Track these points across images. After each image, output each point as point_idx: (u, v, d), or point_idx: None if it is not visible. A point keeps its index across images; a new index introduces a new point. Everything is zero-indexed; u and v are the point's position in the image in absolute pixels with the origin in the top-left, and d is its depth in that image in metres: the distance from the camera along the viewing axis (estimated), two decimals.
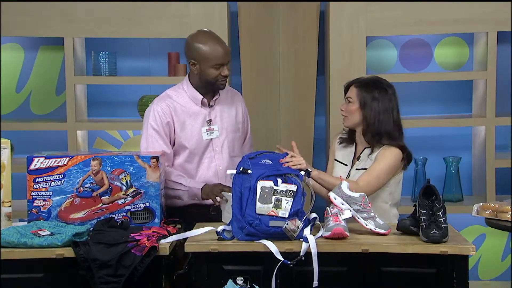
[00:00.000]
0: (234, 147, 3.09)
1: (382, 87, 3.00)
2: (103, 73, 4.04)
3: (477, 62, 4.12)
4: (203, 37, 2.97)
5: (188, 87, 3.04)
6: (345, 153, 3.07)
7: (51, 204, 2.74)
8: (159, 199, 2.76)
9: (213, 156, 3.03)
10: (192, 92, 3.03)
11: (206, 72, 2.94)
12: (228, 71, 2.96)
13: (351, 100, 2.98)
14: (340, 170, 3.03)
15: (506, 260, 4.24)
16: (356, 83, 3.01)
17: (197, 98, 3.02)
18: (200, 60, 2.94)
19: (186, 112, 3.01)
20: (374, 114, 2.95)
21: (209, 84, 2.98)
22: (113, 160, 2.74)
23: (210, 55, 2.92)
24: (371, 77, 3.08)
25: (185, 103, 3.02)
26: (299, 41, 4.13)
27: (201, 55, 2.93)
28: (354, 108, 2.97)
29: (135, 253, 2.51)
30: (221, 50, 2.93)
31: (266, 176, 2.58)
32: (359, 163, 3.00)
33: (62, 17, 3.95)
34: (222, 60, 2.93)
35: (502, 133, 4.02)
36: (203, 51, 2.92)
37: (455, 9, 3.89)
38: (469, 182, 4.20)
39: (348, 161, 3.04)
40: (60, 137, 4.05)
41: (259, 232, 2.54)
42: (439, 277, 2.51)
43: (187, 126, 3.01)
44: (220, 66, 2.93)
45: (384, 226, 2.64)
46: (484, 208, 3.15)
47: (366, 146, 3.00)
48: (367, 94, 2.96)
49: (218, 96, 3.06)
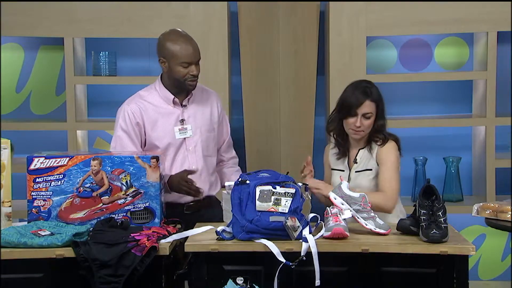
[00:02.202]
0: (209, 147, 3.10)
1: (373, 85, 2.99)
2: (103, 73, 4.04)
3: (477, 62, 4.12)
4: (173, 36, 2.99)
5: (160, 87, 3.06)
6: (341, 160, 3.06)
7: (51, 204, 2.74)
8: (159, 199, 2.76)
9: (186, 155, 3.04)
10: (163, 92, 3.04)
11: (174, 70, 2.96)
12: (196, 70, 2.96)
13: (370, 115, 2.93)
14: (339, 177, 3.00)
15: (506, 260, 4.24)
16: (369, 98, 2.93)
17: (168, 98, 3.04)
18: (169, 58, 2.96)
19: (158, 112, 3.02)
20: (382, 115, 2.96)
21: (178, 83, 3.00)
22: (113, 160, 2.74)
23: (178, 53, 2.94)
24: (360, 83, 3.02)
25: (157, 102, 3.03)
26: (299, 41, 4.13)
27: (169, 53, 2.96)
28: (372, 121, 2.94)
29: (135, 253, 2.51)
30: (190, 48, 2.95)
31: (265, 183, 2.59)
32: (357, 165, 2.99)
33: (62, 17, 3.95)
34: (190, 59, 2.94)
35: (502, 133, 4.02)
36: (172, 49, 2.95)
37: (455, 9, 3.89)
38: (469, 182, 4.20)
39: (343, 166, 3.03)
40: (60, 137, 4.05)
41: (259, 227, 2.53)
42: (439, 277, 2.52)
43: (158, 125, 3.02)
44: (188, 65, 2.94)
45: (384, 226, 2.64)
46: (484, 208, 3.15)
47: (361, 147, 3.00)
48: (379, 101, 2.95)
49: (191, 95, 3.07)
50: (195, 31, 3.94)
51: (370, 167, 2.96)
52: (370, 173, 2.95)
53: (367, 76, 3.95)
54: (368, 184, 2.94)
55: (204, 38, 3.95)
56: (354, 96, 2.94)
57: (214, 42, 3.95)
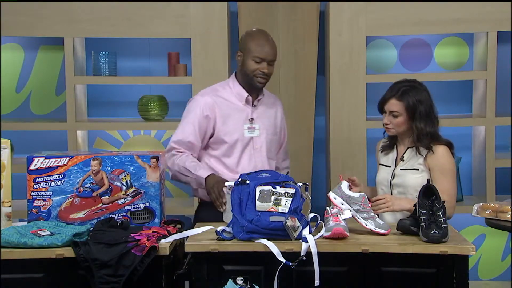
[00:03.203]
0: (271, 149, 3.14)
1: (416, 86, 2.97)
2: (103, 73, 4.04)
3: (477, 62, 4.12)
4: (255, 33, 3.06)
5: (234, 84, 3.09)
6: (388, 156, 3.06)
7: (51, 204, 2.74)
8: (159, 199, 2.76)
9: (252, 154, 3.07)
10: (237, 88, 3.08)
11: (246, 63, 3.01)
12: (268, 69, 3.00)
13: (397, 114, 2.93)
14: (385, 172, 3.03)
15: (506, 260, 4.24)
16: (395, 95, 2.93)
17: (242, 95, 3.07)
18: (244, 51, 3.02)
19: (230, 108, 3.06)
20: (422, 118, 2.92)
21: (248, 79, 3.03)
22: (113, 160, 2.74)
23: (253, 47, 2.99)
24: (401, 82, 2.99)
25: (230, 98, 3.07)
26: (299, 41, 4.13)
27: (246, 47, 3.01)
28: (402, 120, 2.93)
29: (135, 253, 2.51)
30: (266, 46, 2.99)
31: (265, 183, 2.59)
32: (403, 163, 2.97)
33: (62, 17, 3.95)
34: (264, 55, 2.98)
35: (502, 133, 4.02)
36: (249, 43, 3.00)
37: (455, 9, 3.89)
38: (469, 182, 4.20)
39: (391, 162, 3.03)
40: (60, 137, 4.05)
41: (259, 227, 2.53)
42: (439, 277, 2.51)
43: (229, 121, 3.05)
44: (261, 61, 2.98)
45: (384, 226, 2.64)
46: (484, 208, 3.15)
47: (409, 146, 2.99)
48: (412, 102, 2.91)
49: (262, 96, 3.12)
50: (195, 31, 3.97)
51: (416, 167, 2.94)
52: (416, 172, 2.94)
53: (367, 77, 3.97)
54: (413, 184, 2.91)
55: (204, 38, 3.96)
56: (386, 92, 2.99)
57: (214, 42, 3.95)
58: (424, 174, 2.92)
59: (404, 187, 2.94)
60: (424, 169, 2.93)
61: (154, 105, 4.04)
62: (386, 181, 3.00)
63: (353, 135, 3.91)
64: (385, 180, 3.01)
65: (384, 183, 3.01)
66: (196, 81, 3.95)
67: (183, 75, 4.03)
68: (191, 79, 3.98)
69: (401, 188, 2.96)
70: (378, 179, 3.07)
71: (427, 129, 2.92)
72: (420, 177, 2.91)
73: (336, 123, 3.96)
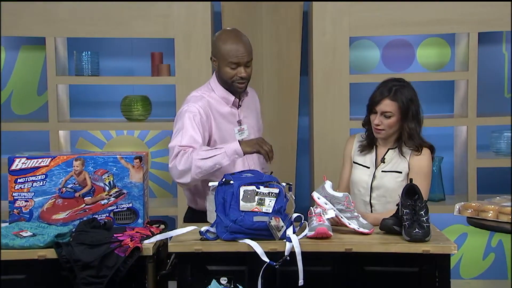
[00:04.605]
0: None
1: (406, 85, 2.90)
2: (85, 73, 4.01)
3: (458, 63, 4.16)
4: (225, 35, 2.93)
5: (217, 87, 2.97)
6: (366, 156, 2.98)
7: (33, 205, 2.72)
8: (143, 200, 2.75)
9: (245, 156, 2.91)
10: (221, 92, 2.96)
11: (222, 70, 2.90)
12: (245, 72, 2.88)
13: (390, 115, 2.86)
14: (363, 173, 2.96)
15: (487, 258, 4.29)
16: (388, 96, 2.86)
17: (228, 99, 2.97)
18: (217, 56, 2.91)
19: (221, 113, 2.96)
20: (413, 118, 2.88)
21: (227, 85, 2.93)
22: (96, 160, 2.73)
23: (226, 52, 2.87)
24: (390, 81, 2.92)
25: (217, 103, 2.96)
26: (282, 41, 4.14)
27: (219, 53, 2.89)
28: (395, 121, 2.87)
29: (118, 253, 2.50)
30: (239, 49, 2.87)
31: (249, 183, 2.58)
32: (385, 165, 2.93)
33: (44, 16, 3.91)
34: (238, 60, 2.86)
35: (483, 133, 4.06)
36: (221, 48, 2.88)
37: (437, 10, 3.92)
38: (451, 181, 4.24)
39: (370, 163, 2.96)
40: (42, 138, 4.01)
41: (243, 228, 2.53)
42: (422, 276, 2.53)
43: (222, 126, 2.96)
44: (236, 66, 2.87)
45: (367, 226, 2.65)
46: (466, 208, 3.18)
47: (390, 147, 2.94)
48: (405, 102, 2.85)
49: (246, 96, 3.03)
50: (178, 31, 3.96)
51: (400, 169, 2.90)
52: (398, 176, 2.90)
53: (350, 77, 3.98)
54: (394, 186, 2.88)
55: (188, 38, 3.95)
56: (377, 92, 2.90)
57: (198, 42, 3.94)
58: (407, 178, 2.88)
59: (385, 190, 2.91)
60: (407, 171, 2.90)
61: (137, 105, 4.02)
62: (366, 183, 2.94)
63: (336, 135, 3.93)
64: (364, 182, 2.95)
65: (363, 185, 2.95)
66: (180, 81, 3.94)
67: (167, 75, 4.02)
68: (175, 79, 3.97)
69: (381, 191, 2.92)
70: (354, 180, 2.98)
71: (417, 129, 2.90)
72: (403, 181, 2.87)
73: (320, 123, 3.98)
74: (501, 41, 4.18)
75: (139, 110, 4.03)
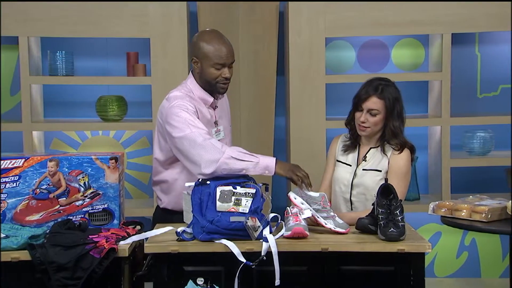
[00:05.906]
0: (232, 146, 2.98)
1: (391, 84, 2.94)
2: (59, 73, 3.97)
3: (432, 63, 4.20)
4: (208, 36, 2.90)
5: (195, 88, 2.93)
6: (348, 155, 3.01)
7: (6, 206, 2.68)
8: (118, 200, 2.73)
9: None
10: (199, 93, 2.93)
11: (206, 71, 2.88)
12: (229, 73, 2.88)
13: (376, 112, 2.89)
14: (344, 171, 2.98)
15: (461, 257, 4.34)
16: (376, 93, 2.88)
17: (207, 100, 2.94)
18: (201, 58, 2.88)
19: (202, 114, 2.92)
20: (398, 116, 2.91)
21: (210, 86, 2.91)
22: (70, 161, 2.70)
23: (211, 53, 2.85)
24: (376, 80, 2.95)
25: (197, 104, 2.92)
26: (258, 41, 4.14)
27: (202, 53, 2.87)
28: (380, 118, 2.90)
29: (93, 255, 2.48)
30: (224, 49, 2.86)
31: (225, 183, 2.58)
32: (366, 163, 2.96)
33: (17, 16, 3.86)
34: (224, 60, 2.85)
35: (457, 133, 4.11)
36: (205, 49, 2.86)
37: (411, 11, 3.96)
38: (425, 181, 4.28)
39: (352, 161, 2.99)
40: (15, 138, 3.96)
41: (220, 228, 2.53)
42: (397, 275, 2.56)
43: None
44: (221, 67, 2.86)
45: (343, 225, 2.67)
46: (440, 207, 3.22)
47: (373, 146, 2.97)
48: (392, 100, 2.89)
49: (222, 96, 3.02)
50: (154, 31, 3.94)
51: (380, 168, 2.93)
52: (378, 174, 2.92)
53: (326, 77, 4.00)
54: (373, 185, 2.89)
55: (164, 38, 3.93)
56: (363, 90, 2.92)
57: (174, 42, 3.93)
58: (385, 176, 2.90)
59: (365, 188, 2.94)
60: (387, 170, 2.93)
61: (112, 106, 3.99)
62: (347, 181, 2.98)
63: (313, 135, 3.95)
64: (345, 180, 2.98)
65: (344, 182, 2.99)
66: (155, 81, 3.92)
67: (142, 75, 3.99)
68: (150, 79, 3.95)
69: (361, 188, 2.95)
70: (336, 177, 3.02)
71: (401, 127, 2.93)
72: (381, 180, 2.88)
73: (296, 123, 3.99)
74: (474, 42, 4.25)
75: (115, 111, 4.00)
